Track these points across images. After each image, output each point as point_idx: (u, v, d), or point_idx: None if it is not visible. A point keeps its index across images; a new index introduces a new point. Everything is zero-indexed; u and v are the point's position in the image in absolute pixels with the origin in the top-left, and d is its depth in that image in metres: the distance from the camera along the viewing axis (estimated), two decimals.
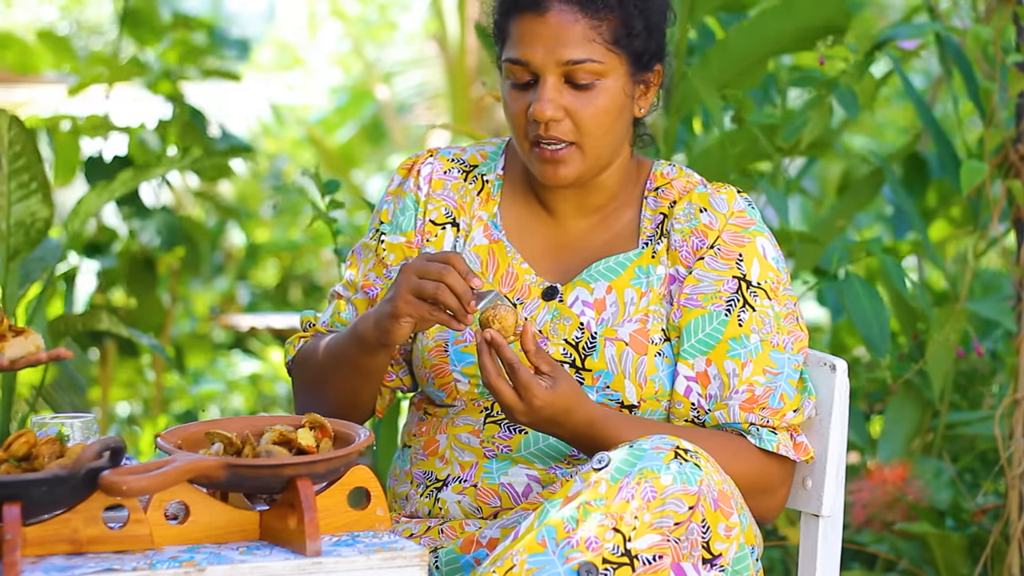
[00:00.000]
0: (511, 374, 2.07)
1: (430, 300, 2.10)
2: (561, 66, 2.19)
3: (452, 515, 2.26)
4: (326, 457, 1.89)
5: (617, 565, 1.94)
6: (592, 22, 2.19)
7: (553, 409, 2.09)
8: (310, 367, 2.33)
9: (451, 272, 2.09)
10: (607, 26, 2.20)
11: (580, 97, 2.21)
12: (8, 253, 3.22)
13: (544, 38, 2.19)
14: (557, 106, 2.20)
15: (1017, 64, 3.24)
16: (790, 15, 3.47)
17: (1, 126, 3.13)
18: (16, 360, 2.15)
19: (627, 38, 2.22)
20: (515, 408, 2.09)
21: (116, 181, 3.44)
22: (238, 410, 6.45)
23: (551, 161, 2.23)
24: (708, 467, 2.00)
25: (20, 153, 3.16)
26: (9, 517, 1.75)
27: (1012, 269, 3.36)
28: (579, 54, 2.19)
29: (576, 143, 2.22)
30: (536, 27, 2.20)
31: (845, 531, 3.57)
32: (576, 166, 2.23)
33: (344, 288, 2.39)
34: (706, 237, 2.26)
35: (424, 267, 2.11)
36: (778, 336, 2.24)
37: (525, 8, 2.21)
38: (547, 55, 2.19)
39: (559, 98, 2.20)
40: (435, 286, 2.09)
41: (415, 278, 2.11)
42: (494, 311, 2.08)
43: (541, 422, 2.11)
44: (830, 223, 4.13)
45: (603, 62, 2.20)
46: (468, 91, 9.17)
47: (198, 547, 1.86)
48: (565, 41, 2.19)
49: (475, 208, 2.36)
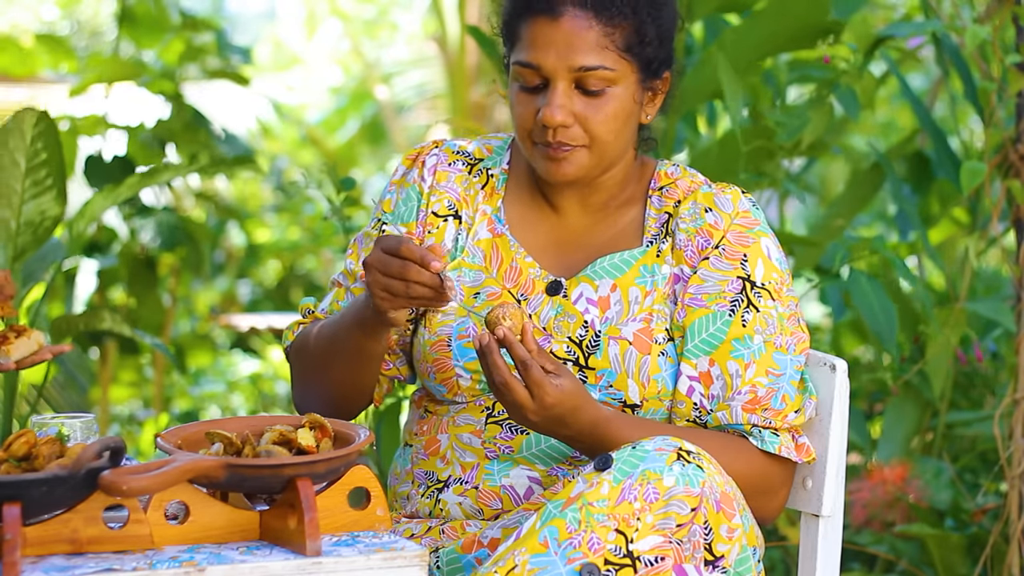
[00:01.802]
0: (523, 372, 2.05)
1: (404, 297, 2.10)
2: (573, 72, 2.19)
3: (453, 516, 2.26)
4: (326, 457, 1.89)
5: (619, 566, 1.94)
6: (606, 29, 2.19)
7: (563, 408, 2.08)
8: (309, 351, 2.33)
9: (411, 267, 2.08)
10: (620, 33, 2.20)
11: (590, 104, 2.20)
12: (15, 252, 3.22)
13: (557, 43, 2.18)
14: (567, 112, 2.20)
15: (1016, 64, 3.24)
16: (785, 15, 3.47)
17: (27, 123, 3.12)
18: (22, 360, 2.16)
19: (639, 46, 2.21)
20: (526, 406, 2.07)
21: (123, 185, 3.43)
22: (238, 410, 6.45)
23: (556, 159, 2.23)
24: (710, 468, 2.00)
25: (42, 149, 3.14)
26: (9, 517, 1.75)
27: (1012, 269, 3.36)
28: (592, 61, 2.18)
29: (585, 147, 2.22)
30: (549, 31, 2.19)
31: (845, 531, 3.57)
32: (581, 165, 2.23)
33: (343, 277, 2.39)
34: (711, 237, 2.26)
35: (386, 264, 2.10)
36: (781, 337, 2.24)
37: (539, 12, 2.20)
38: (559, 60, 2.18)
39: (569, 104, 2.20)
40: (403, 286, 2.09)
41: (383, 278, 2.10)
42: (502, 310, 2.07)
43: (549, 421, 2.09)
44: (831, 222, 4.13)
45: (615, 69, 2.20)
46: (468, 91, 9.17)
47: (198, 547, 1.86)
48: (578, 47, 2.18)
49: (479, 202, 2.36)
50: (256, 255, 7.37)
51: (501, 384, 2.06)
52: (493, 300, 2.28)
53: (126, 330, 3.48)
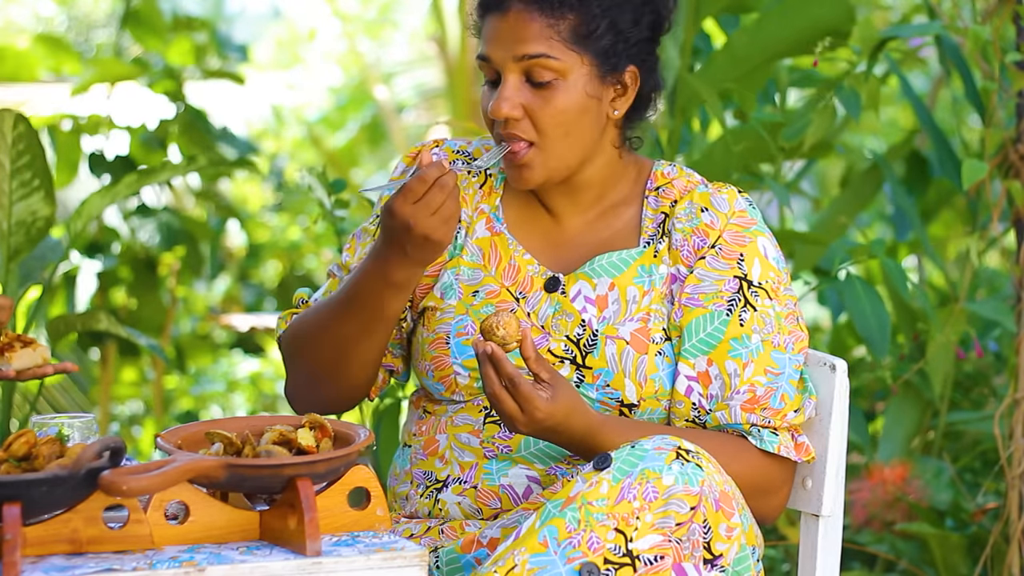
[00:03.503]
0: (512, 388, 2.08)
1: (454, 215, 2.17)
2: (518, 62, 2.21)
3: (452, 516, 2.26)
4: (326, 457, 1.89)
5: (619, 565, 1.94)
6: (549, 20, 2.21)
7: (553, 420, 2.10)
8: (301, 335, 2.31)
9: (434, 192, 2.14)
10: (565, 24, 2.22)
11: (539, 95, 2.22)
12: (8, 253, 3.23)
13: (504, 36, 2.22)
14: (514, 104, 2.21)
15: (1016, 63, 3.24)
16: (794, 18, 3.47)
17: (6, 124, 3.13)
18: (23, 371, 2.16)
19: (588, 38, 2.23)
20: (516, 419, 2.10)
21: (121, 184, 3.44)
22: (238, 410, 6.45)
23: (514, 165, 2.25)
24: (710, 468, 2.00)
25: (24, 151, 3.16)
26: (9, 517, 1.75)
27: (1012, 269, 3.36)
28: (534, 49, 2.21)
29: (535, 143, 2.23)
30: (498, 26, 2.24)
31: (845, 531, 3.57)
32: (538, 168, 2.24)
33: (339, 269, 2.40)
34: (707, 236, 2.27)
35: (428, 202, 2.15)
36: (779, 336, 2.24)
37: (491, 8, 2.26)
38: (505, 52, 2.22)
39: (516, 96, 2.22)
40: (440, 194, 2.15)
41: (431, 215, 2.15)
42: (497, 318, 2.08)
43: (541, 432, 2.12)
44: (830, 222, 4.13)
45: (560, 59, 2.21)
46: (468, 91, 9.16)
47: (198, 547, 1.86)
48: (522, 37, 2.21)
49: (477, 200, 2.36)
50: (257, 255, 7.37)
51: (491, 396, 2.09)
52: (492, 298, 2.29)
53: (123, 331, 3.49)
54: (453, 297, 2.30)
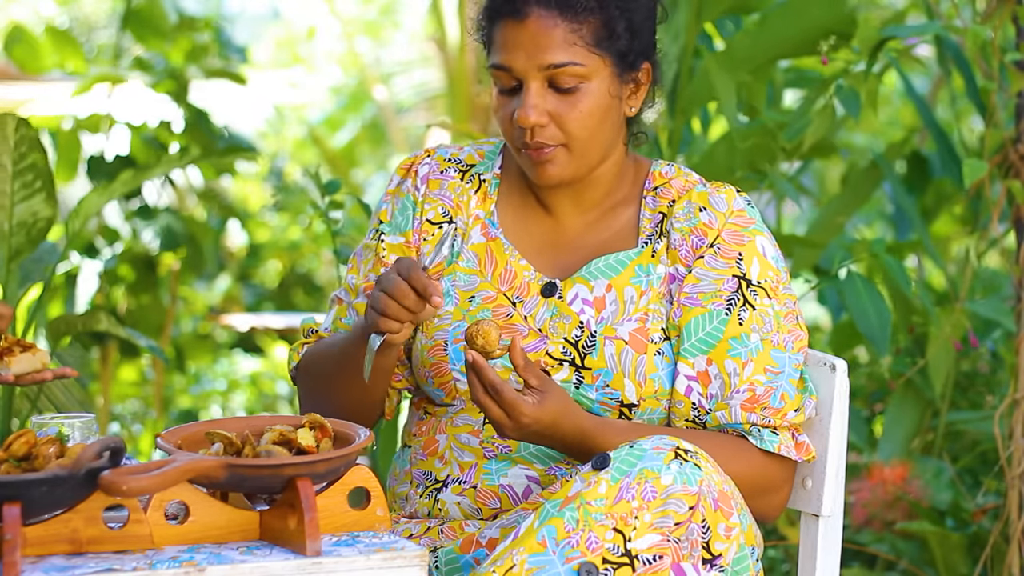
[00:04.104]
0: (495, 395, 2.08)
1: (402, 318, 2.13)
2: (543, 71, 2.19)
3: (452, 516, 2.26)
4: (326, 457, 1.89)
5: (617, 565, 1.94)
6: (572, 25, 2.19)
7: (540, 425, 2.10)
8: (316, 371, 2.34)
9: (390, 302, 2.10)
10: (588, 28, 2.20)
11: (564, 101, 2.21)
12: (9, 253, 3.23)
13: (525, 44, 2.20)
14: (541, 111, 2.20)
15: (1016, 63, 3.24)
16: (796, 19, 3.47)
17: (8, 127, 3.14)
18: (22, 376, 2.16)
19: (609, 39, 2.22)
20: (503, 424, 2.10)
21: (117, 181, 3.45)
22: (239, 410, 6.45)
23: (540, 162, 2.24)
24: (708, 467, 2.00)
25: (26, 153, 3.16)
26: (9, 517, 1.75)
27: (1012, 269, 3.36)
28: (560, 58, 2.19)
29: (564, 145, 2.23)
30: (517, 33, 2.20)
31: (845, 531, 3.57)
32: (565, 166, 2.24)
33: (345, 293, 2.40)
34: (706, 236, 2.27)
35: (403, 295, 2.12)
36: (778, 335, 2.24)
37: (506, 14, 2.22)
38: (528, 60, 2.19)
39: (543, 103, 2.21)
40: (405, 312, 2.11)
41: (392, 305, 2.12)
42: (477, 327, 2.09)
43: (528, 436, 2.12)
44: (830, 221, 4.13)
45: (585, 64, 2.20)
46: (467, 91, 9.17)
47: (198, 547, 1.86)
48: (546, 46, 2.19)
49: (472, 207, 2.36)
50: (257, 255, 7.37)
51: (477, 402, 2.10)
52: (488, 304, 2.29)
53: (123, 332, 3.49)
54: (450, 303, 2.30)
